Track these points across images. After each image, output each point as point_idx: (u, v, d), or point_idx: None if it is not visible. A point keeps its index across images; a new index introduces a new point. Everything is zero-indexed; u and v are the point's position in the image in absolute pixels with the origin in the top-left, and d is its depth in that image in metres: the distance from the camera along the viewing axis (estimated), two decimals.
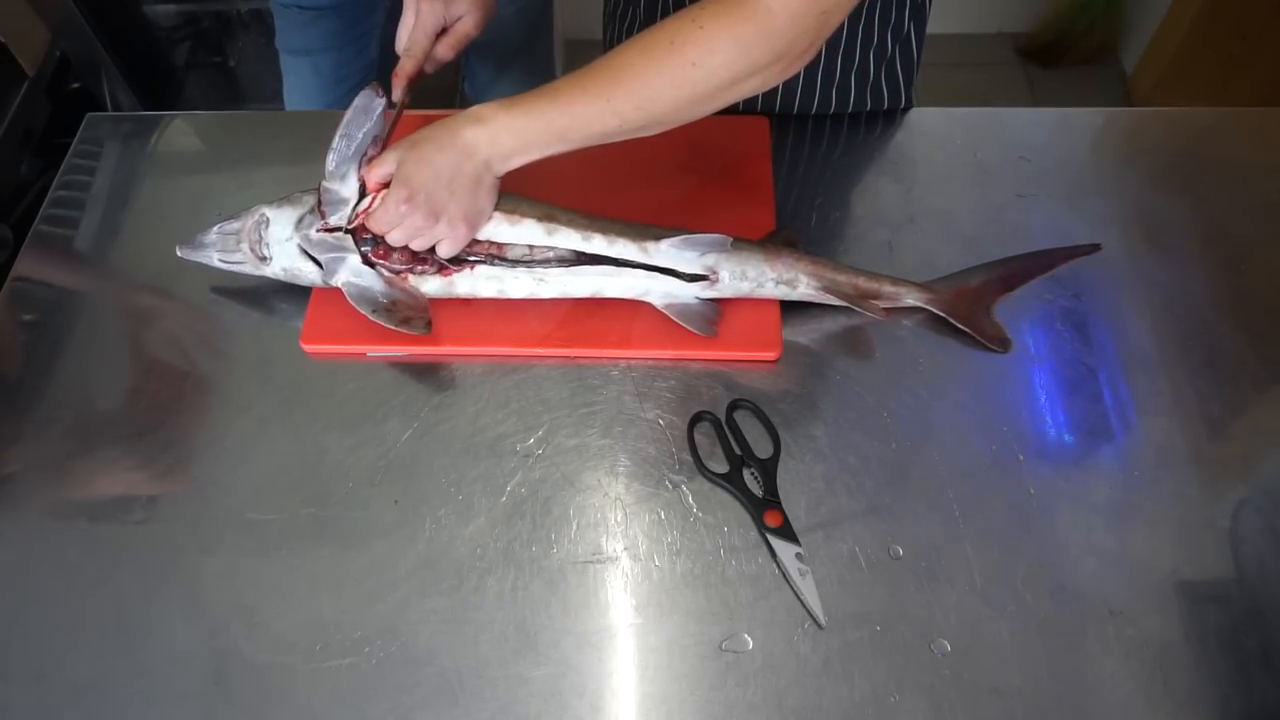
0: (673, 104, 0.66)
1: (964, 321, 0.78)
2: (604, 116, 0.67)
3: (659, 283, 0.77)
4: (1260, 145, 0.93)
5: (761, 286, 0.78)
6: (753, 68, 0.63)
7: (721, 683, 0.64)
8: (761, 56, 0.63)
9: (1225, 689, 0.63)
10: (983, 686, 0.63)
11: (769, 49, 0.63)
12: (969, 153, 0.92)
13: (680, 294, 0.77)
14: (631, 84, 0.66)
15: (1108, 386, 0.77)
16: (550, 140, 0.69)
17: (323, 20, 1.22)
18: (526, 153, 0.71)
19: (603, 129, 0.68)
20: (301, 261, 0.78)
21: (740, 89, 0.65)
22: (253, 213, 0.79)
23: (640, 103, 0.66)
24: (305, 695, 0.64)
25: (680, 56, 0.64)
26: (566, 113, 0.68)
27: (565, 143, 0.69)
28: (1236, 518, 0.70)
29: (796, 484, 0.72)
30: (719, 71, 0.63)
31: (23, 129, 1.15)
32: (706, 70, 0.63)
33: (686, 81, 0.64)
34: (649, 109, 0.66)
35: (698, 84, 0.64)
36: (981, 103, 0.97)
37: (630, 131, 0.68)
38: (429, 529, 0.71)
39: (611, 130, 0.68)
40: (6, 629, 0.68)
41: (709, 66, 0.63)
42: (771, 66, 0.64)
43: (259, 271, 0.80)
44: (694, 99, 0.66)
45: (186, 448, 0.75)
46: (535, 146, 0.70)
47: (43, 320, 0.83)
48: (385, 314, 0.76)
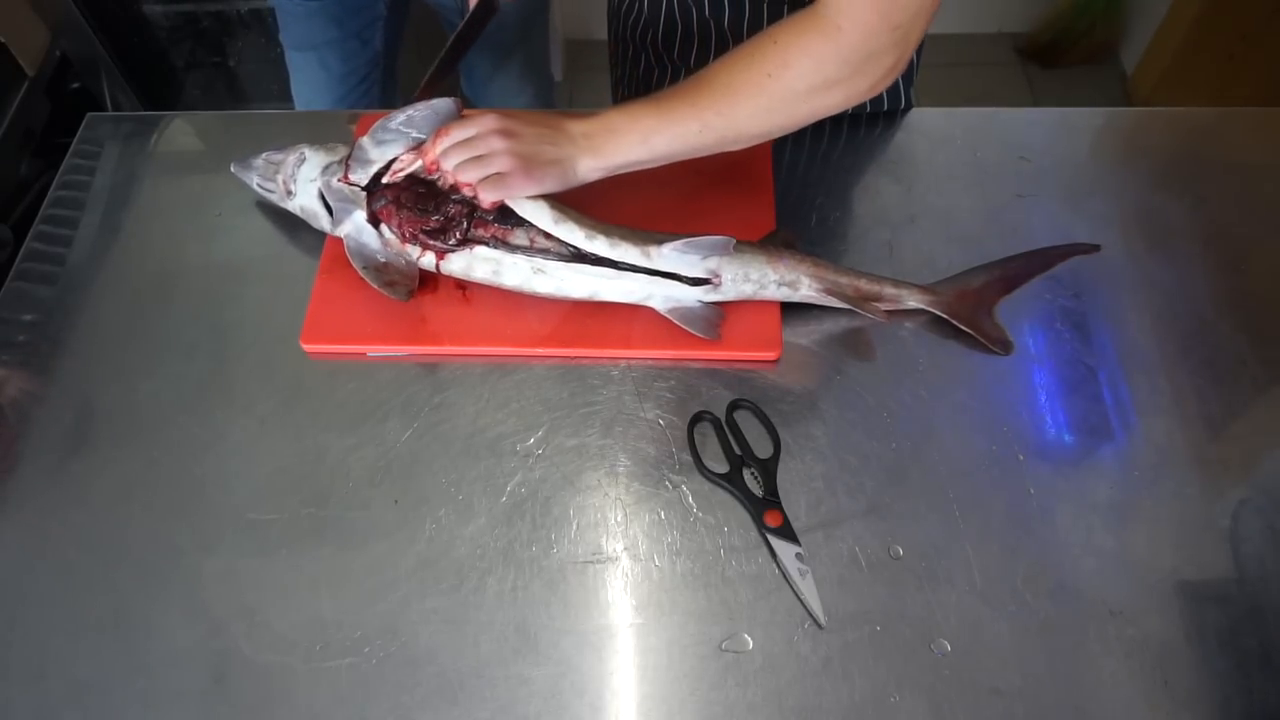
0: (752, 115, 0.69)
1: (966, 323, 0.78)
2: (688, 120, 0.69)
3: (661, 287, 0.77)
4: (1260, 145, 0.93)
5: (764, 289, 0.78)
6: (827, 82, 0.66)
7: (721, 683, 0.64)
8: (836, 72, 0.65)
9: (1225, 689, 0.63)
10: (983, 686, 0.64)
11: (843, 64, 0.65)
12: (969, 153, 0.92)
13: (683, 298, 0.77)
14: (716, 93, 0.69)
15: (1108, 386, 0.77)
16: (634, 142, 0.71)
17: (325, 12, 1.22)
18: (611, 151, 0.72)
19: (685, 132, 0.70)
20: (318, 204, 0.80)
21: (819, 105, 0.68)
22: (296, 149, 0.82)
23: (721, 111, 0.69)
24: (305, 695, 0.64)
25: (758, 68, 0.67)
26: (656, 115, 0.70)
27: (649, 149, 0.71)
28: (1236, 518, 0.70)
29: (796, 484, 0.72)
30: (794, 83, 0.66)
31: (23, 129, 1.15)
32: (782, 82, 0.66)
33: (763, 92, 0.67)
34: (731, 117, 0.69)
35: (774, 95, 0.67)
36: (981, 103, 0.97)
37: (714, 142, 0.70)
38: (429, 529, 0.71)
39: (693, 136, 0.70)
40: (6, 629, 0.68)
41: (784, 79, 0.66)
42: (851, 80, 0.66)
43: (284, 204, 0.84)
44: (772, 110, 0.68)
45: (186, 448, 0.75)
46: (620, 146, 0.71)
47: (43, 320, 0.83)
48: (374, 273, 0.78)
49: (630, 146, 0.71)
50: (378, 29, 1.30)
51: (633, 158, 0.72)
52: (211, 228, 0.89)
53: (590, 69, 2.22)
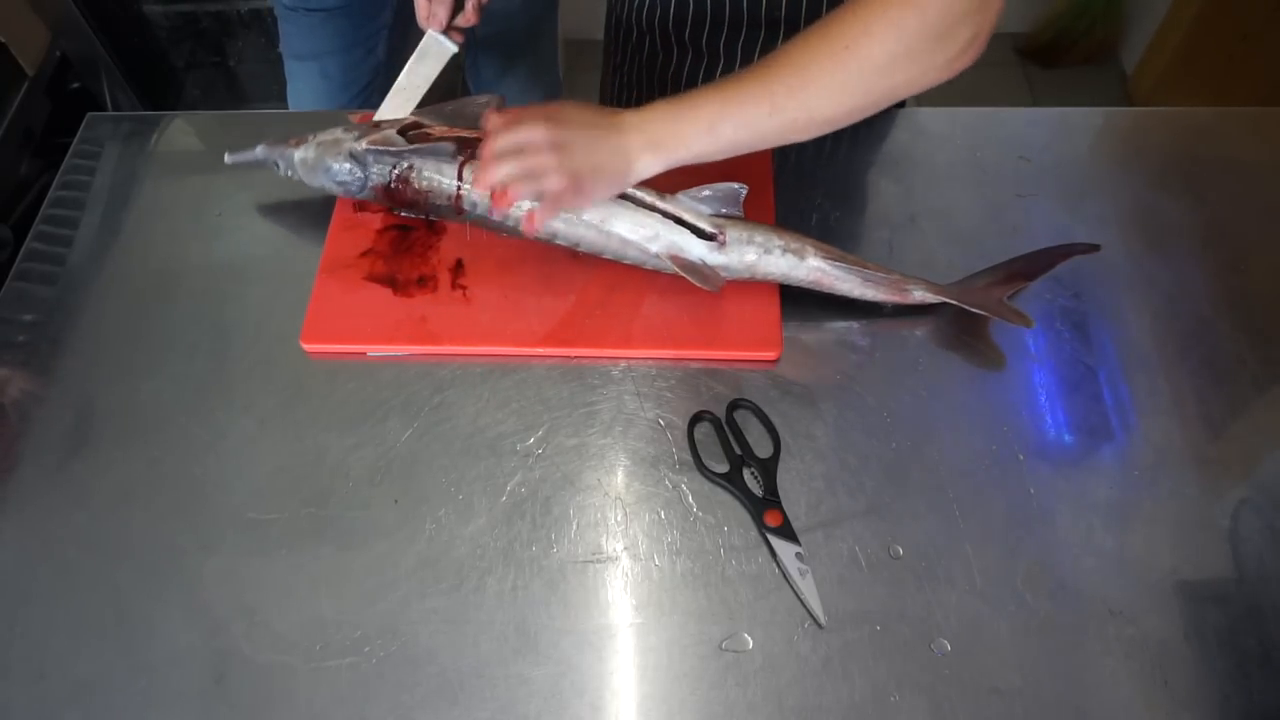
0: (827, 91, 0.65)
1: (979, 307, 0.78)
2: (758, 103, 0.65)
3: (669, 230, 0.76)
4: (1260, 145, 0.93)
5: (768, 253, 0.76)
6: (909, 52, 0.62)
7: (721, 682, 0.64)
8: (917, 41, 0.62)
9: (1225, 689, 0.63)
10: (983, 686, 0.64)
11: (925, 33, 0.61)
12: (969, 153, 0.92)
13: (688, 247, 0.77)
14: (786, 70, 0.65)
15: (1108, 386, 0.77)
16: (699, 132, 0.67)
17: (330, 22, 1.21)
18: (674, 145, 0.68)
19: (754, 123, 0.66)
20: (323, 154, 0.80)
21: (898, 80, 0.64)
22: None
23: (793, 88, 0.65)
24: (305, 695, 0.64)
25: (835, 41, 0.63)
26: (720, 99, 0.66)
27: (714, 137, 0.67)
28: (1236, 518, 0.70)
29: (796, 484, 0.72)
30: (874, 55, 0.63)
31: (23, 129, 1.15)
32: (861, 55, 0.63)
33: (840, 66, 0.63)
34: (803, 97, 0.65)
35: (850, 68, 0.63)
36: (981, 103, 0.97)
37: (783, 127, 0.66)
38: (429, 529, 0.71)
39: (763, 125, 0.66)
40: (6, 629, 0.68)
41: (864, 50, 0.63)
42: (932, 53, 0.63)
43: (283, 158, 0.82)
44: (848, 87, 0.64)
45: (187, 448, 0.75)
46: (683, 138, 0.67)
47: (43, 320, 0.83)
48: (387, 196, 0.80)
49: (694, 136, 0.67)
50: (382, 38, 1.28)
51: (697, 149, 0.68)
52: (212, 228, 0.89)
53: (590, 69, 2.21)
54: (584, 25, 2.25)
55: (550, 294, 0.81)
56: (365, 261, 0.83)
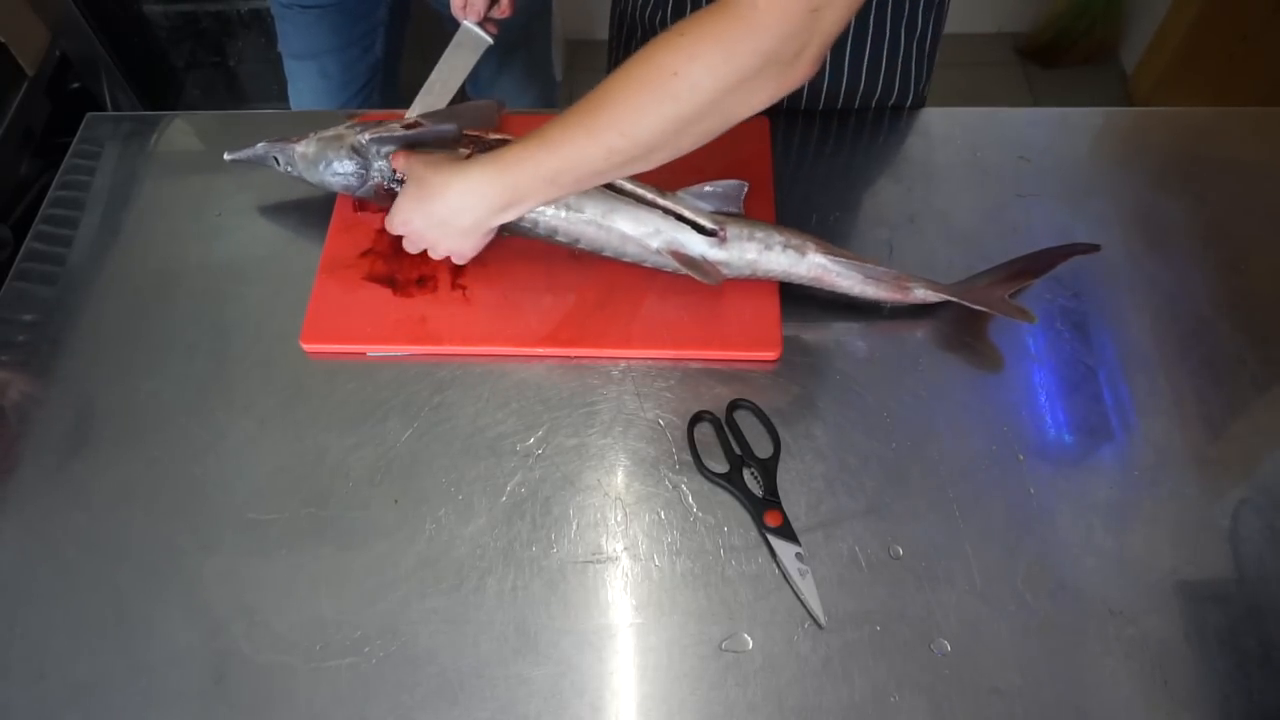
0: (658, 125, 0.61)
1: (982, 304, 0.78)
2: (589, 150, 0.63)
3: (670, 226, 0.76)
4: (1260, 145, 0.93)
5: (769, 249, 0.76)
6: (739, 73, 0.58)
7: (721, 683, 0.64)
8: (747, 60, 0.57)
9: (1225, 689, 0.63)
10: (983, 686, 0.64)
11: (754, 48, 0.57)
12: (969, 153, 0.92)
13: (689, 244, 0.77)
14: (613, 109, 0.61)
15: (1108, 386, 0.77)
16: (542, 187, 0.68)
17: (326, 19, 1.21)
18: (520, 204, 0.70)
19: (592, 167, 0.64)
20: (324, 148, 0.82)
21: (730, 104, 0.60)
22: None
23: (624, 128, 0.61)
24: (305, 695, 0.64)
25: (662, 69, 0.59)
26: (554, 154, 0.65)
27: (558, 187, 0.68)
28: (1236, 518, 0.70)
29: (796, 484, 0.72)
30: (703, 80, 0.58)
31: (23, 129, 1.15)
32: (690, 81, 0.58)
33: (669, 95, 0.59)
34: (634, 134, 0.61)
35: (681, 96, 0.59)
36: (981, 103, 0.97)
37: (620, 166, 0.65)
38: (429, 529, 0.71)
39: (600, 166, 0.64)
40: (6, 629, 0.68)
41: (691, 75, 0.58)
42: (762, 72, 0.58)
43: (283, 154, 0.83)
44: (679, 117, 0.60)
45: (187, 448, 0.75)
46: (529, 197, 0.69)
47: (43, 320, 0.83)
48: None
49: (539, 189, 0.68)
50: (379, 35, 1.29)
51: (546, 196, 0.70)
52: (212, 228, 0.89)
53: (590, 69, 2.22)
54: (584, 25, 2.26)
55: (550, 294, 0.81)
56: (365, 261, 0.83)
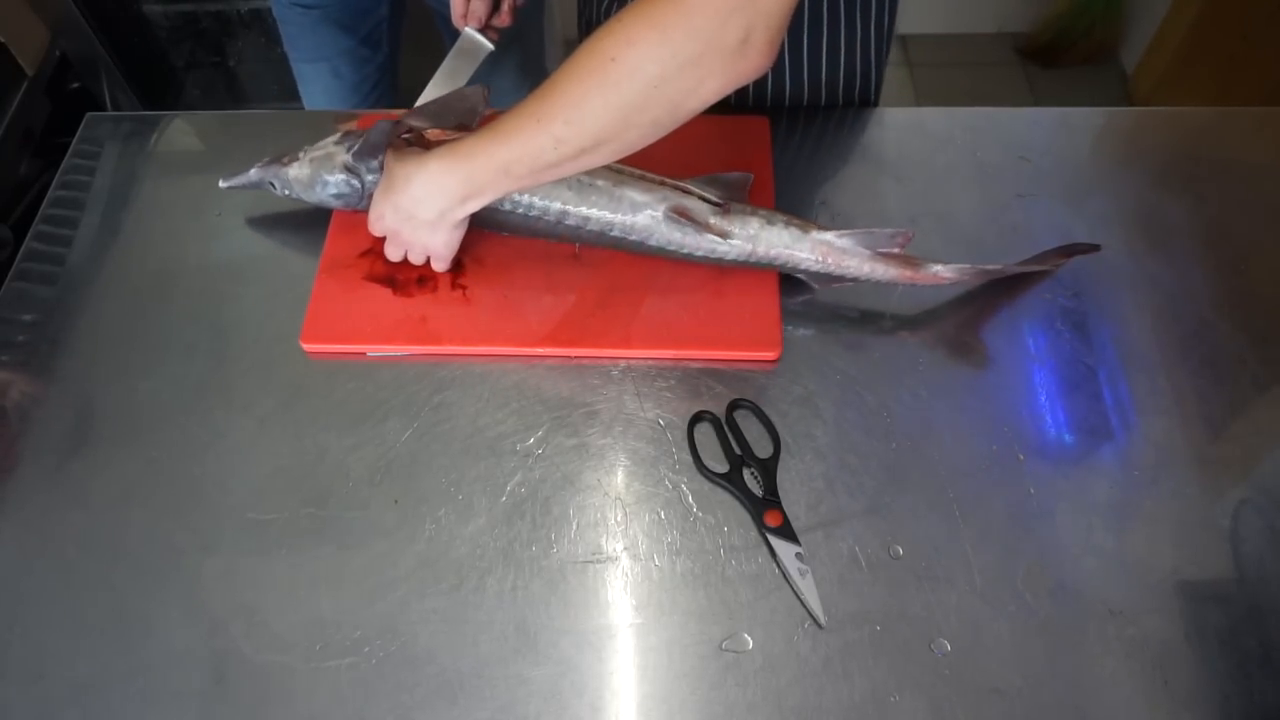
0: (602, 113, 0.61)
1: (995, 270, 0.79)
2: (538, 140, 0.63)
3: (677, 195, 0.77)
4: (1260, 145, 0.93)
5: (771, 225, 0.77)
6: (675, 57, 0.57)
7: (721, 683, 0.64)
8: (684, 44, 0.57)
9: (1225, 689, 0.63)
10: (983, 686, 0.63)
11: (689, 30, 0.57)
12: (969, 153, 0.92)
13: (694, 208, 0.77)
14: (558, 99, 0.62)
15: (1108, 386, 0.77)
16: (498, 178, 0.68)
17: (329, 20, 1.22)
18: (480, 195, 0.70)
19: (543, 158, 0.64)
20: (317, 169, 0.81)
21: (673, 92, 0.60)
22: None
23: (569, 117, 0.62)
24: (305, 695, 0.64)
25: (601, 55, 0.59)
26: (505, 145, 0.65)
27: (513, 179, 0.68)
28: (1236, 518, 0.70)
29: (796, 484, 0.72)
30: (642, 65, 0.58)
31: (23, 129, 1.15)
32: (628, 66, 0.58)
33: (610, 82, 0.59)
34: (579, 123, 0.62)
35: (621, 83, 0.59)
36: (981, 103, 0.97)
37: (572, 158, 0.64)
38: (429, 529, 0.71)
39: (550, 157, 0.64)
40: (6, 628, 0.68)
41: (629, 60, 0.58)
42: (704, 59, 0.57)
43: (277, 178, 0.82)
44: (623, 105, 0.60)
45: (186, 448, 0.75)
46: (486, 188, 0.69)
47: (43, 320, 0.83)
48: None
49: (494, 182, 0.68)
50: (383, 32, 1.30)
51: (503, 188, 0.70)
52: (211, 228, 0.89)
53: None
54: None
55: (550, 294, 0.81)
56: (365, 261, 0.83)
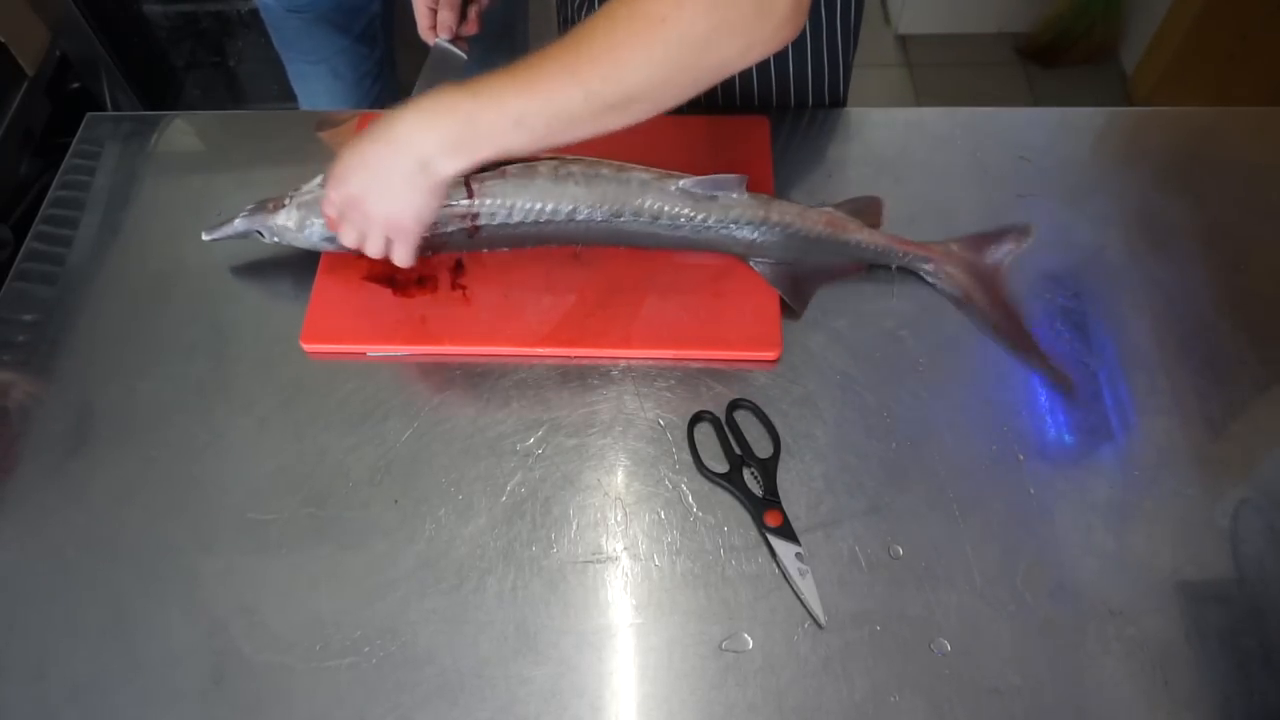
0: (644, 71, 0.59)
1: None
2: (567, 93, 0.59)
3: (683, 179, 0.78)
4: (1260, 145, 0.93)
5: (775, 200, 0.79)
6: (728, 24, 0.57)
7: (721, 683, 0.64)
8: (735, 12, 0.56)
9: (1225, 689, 0.63)
10: (983, 686, 0.63)
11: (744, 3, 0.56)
12: (969, 153, 0.92)
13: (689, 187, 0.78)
14: (597, 52, 0.59)
15: (1108, 386, 0.77)
16: (505, 128, 0.62)
17: (324, 20, 1.22)
18: (476, 145, 0.63)
19: (567, 110, 0.60)
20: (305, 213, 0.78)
21: (718, 56, 0.59)
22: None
23: (608, 72, 0.59)
24: (305, 695, 0.64)
25: (647, 16, 0.57)
26: (524, 92, 0.60)
27: (524, 130, 0.61)
28: (1236, 518, 0.70)
29: (796, 484, 0.72)
30: (694, 25, 0.56)
31: (23, 129, 1.15)
32: (679, 28, 0.57)
33: (657, 40, 0.57)
34: (619, 79, 0.59)
35: (670, 43, 0.57)
36: (981, 103, 0.97)
37: (598, 114, 0.61)
38: (429, 529, 0.71)
39: (577, 111, 0.60)
40: (6, 629, 0.68)
41: (680, 21, 0.56)
42: (751, 26, 0.57)
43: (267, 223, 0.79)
44: (667, 63, 0.58)
45: (186, 447, 0.75)
46: (487, 137, 0.63)
47: (43, 320, 0.83)
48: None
49: (500, 132, 0.62)
50: (377, 28, 1.30)
51: (504, 144, 0.63)
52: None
53: None
54: None
55: (550, 294, 0.81)
56: (365, 261, 0.82)
